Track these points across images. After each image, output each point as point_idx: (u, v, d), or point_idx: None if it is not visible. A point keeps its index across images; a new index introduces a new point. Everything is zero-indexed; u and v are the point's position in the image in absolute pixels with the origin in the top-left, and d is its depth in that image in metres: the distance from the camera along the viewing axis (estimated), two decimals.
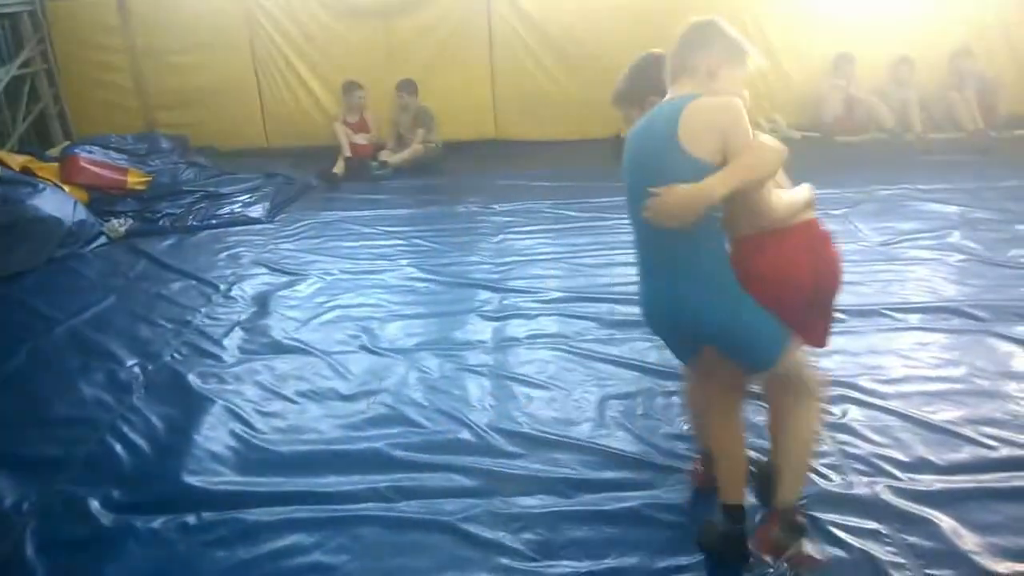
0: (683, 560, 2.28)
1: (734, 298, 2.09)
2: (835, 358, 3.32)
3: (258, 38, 7.49)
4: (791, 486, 2.20)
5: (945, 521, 2.37)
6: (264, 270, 4.72)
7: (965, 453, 2.71)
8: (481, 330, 3.83)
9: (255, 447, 2.91)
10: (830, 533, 2.33)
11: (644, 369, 3.38)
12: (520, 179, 6.48)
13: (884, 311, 3.82)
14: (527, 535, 2.40)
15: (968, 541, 2.29)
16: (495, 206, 5.81)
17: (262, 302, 4.24)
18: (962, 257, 4.45)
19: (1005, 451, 2.71)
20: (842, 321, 3.73)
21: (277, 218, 5.76)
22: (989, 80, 7.25)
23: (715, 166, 1.99)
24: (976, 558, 2.24)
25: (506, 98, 7.71)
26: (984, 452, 2.71)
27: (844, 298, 3.91)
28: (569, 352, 3.56)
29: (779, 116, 7.70)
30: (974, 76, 7.28)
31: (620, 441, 2.86)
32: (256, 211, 5.76)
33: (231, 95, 7.56)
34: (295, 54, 7.53)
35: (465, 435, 2.93)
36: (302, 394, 3.28)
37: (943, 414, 2.94)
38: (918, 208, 5.41)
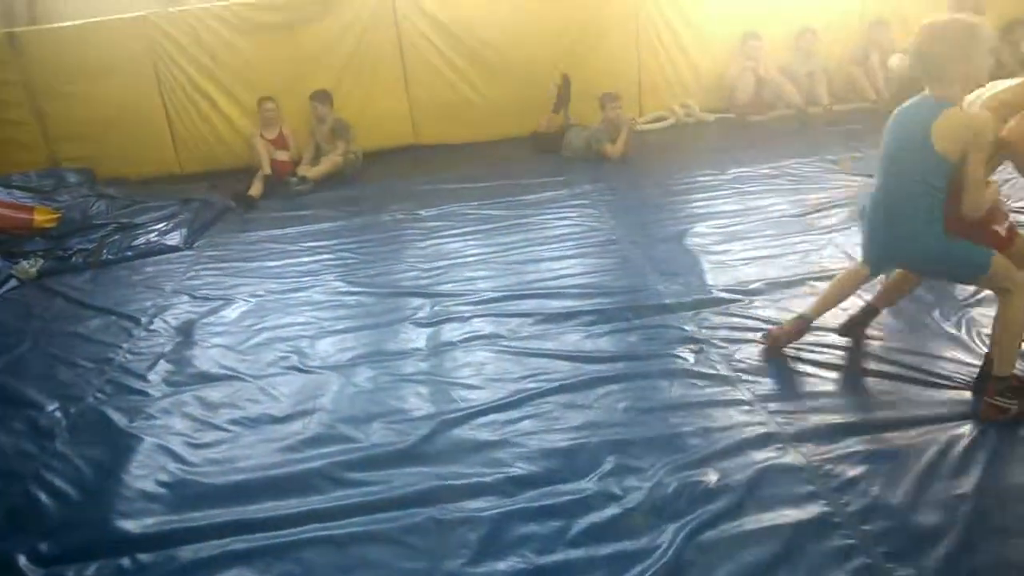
0: (628, 546, 2.29)
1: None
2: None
3: (161, 62, 7.27)
4: (1001, 362, 2.74)
5: None
6: (186, 298, 4.58)
7: None
8: (415, 338, 3.79)
9: (188, 482, 2.81)
10: None
11: (580, 359, 3.40)
12: (443, 183, 6.45)
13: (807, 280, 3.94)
14: (472, 537, 2.38)
15: None
16: (420, 212, 5.77)
17: (186, 331, 4.11)
18: None
19: None
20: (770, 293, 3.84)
21: (196, 244, 5.60)
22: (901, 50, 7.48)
23: (954, 161, 2.61)
24: None
25: (422, 104, 7.67)
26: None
27: (768, 271, 4.08)
28: (505, 351, 3.55)
29: (692, 101, 7.85)
30: (881, 47, 7.52)
31: (560, 433, 2.86)
32: (174, 239, 5.60)
33: (138, 122, 7.32)
34: (201, 75, 7.34)
35: (405, 445, 2.89)
36: (235, 422, 3.19)
37: None
38: (829, 179, 5.59)
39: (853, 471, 2.52)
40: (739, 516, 2.37)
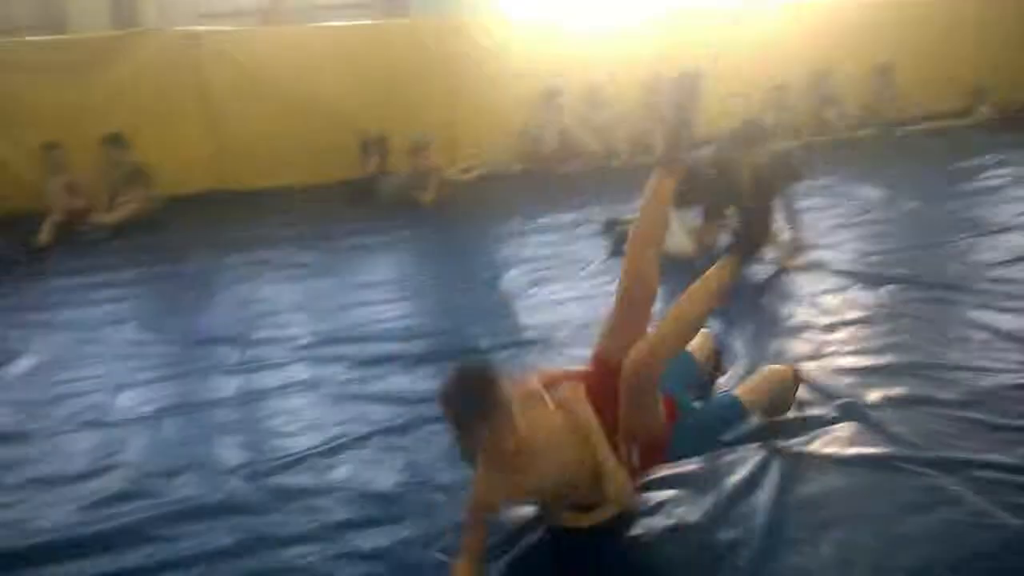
0: None
1: None
2: None
3: None
4: None
5: None
6: None
7: None
8: (225, 386, 3.66)
9: None
10: None
11: (399, 401, 3.44)
12: (253, 228, 6.28)
13: None
14: None
15: None
16: (228, 259, 5.59)
17: None
18: None
19: None
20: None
21: None
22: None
23: None
24: None
25: (230, 148, 7.44)
26: None
27: (577, 312, 4.32)
28: (324, 396, 3.53)
29: (500, 151, 8.14)
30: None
31: (383, 477, 2.88)
32: None
33: None
34: None
35: (219, 497, 2.80)
36: (24, 484, 2.94)
37: None
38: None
39: (658, 496, 2.69)
40: None
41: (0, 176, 6.86)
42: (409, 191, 6.85)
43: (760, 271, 4.74)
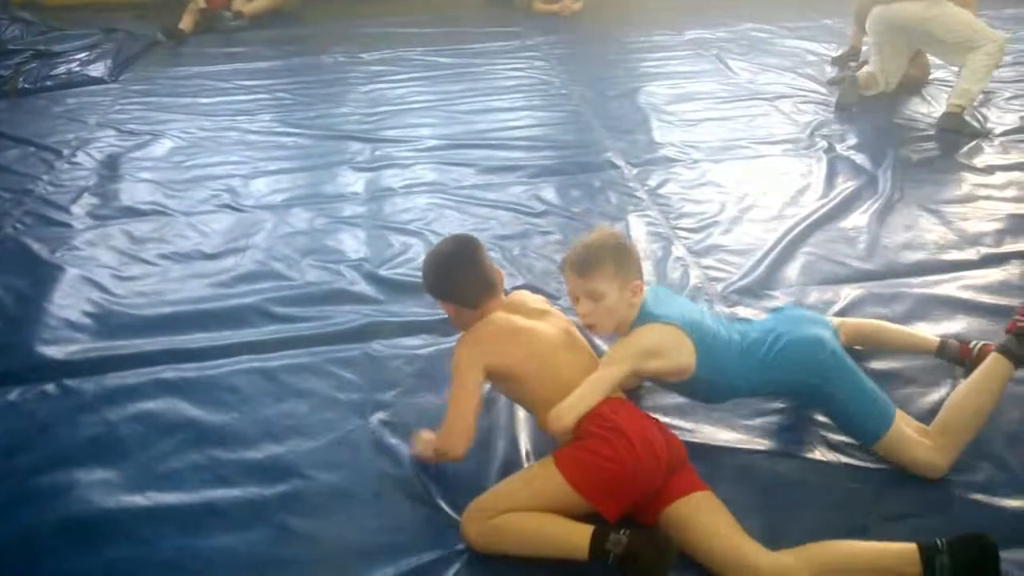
0: None
1: None
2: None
3: None
4: None
5: None
6: (112, 132, 4.33)
7: None
8: (353, 182, 3.68)
9: (115, 312, 2.73)
10: None
11: (521, 211, 3.36)
12: (389, 26, 6.13)
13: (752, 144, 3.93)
14: (407, 370, 2.39)
15: None
16: (363, 55, 5.49)
17: (112, 166, 3.91)
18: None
19: None
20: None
21: (122, 77, 5.26)
22: None
23: None
24: None
25: None
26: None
27: (715, 133, 4.05)
28: (447, 198, 3.48)
29: None
30: None
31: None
32: (97, 70, 5.24)
33: None
34: None
35: (341, 285, 2.85)
36: (164, 256, 3.09)
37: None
38: (782, 45, 5.52)
39: None
40: None
41: None
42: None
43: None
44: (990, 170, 3.60)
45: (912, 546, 1.66)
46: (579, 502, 1.74)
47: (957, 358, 2.27)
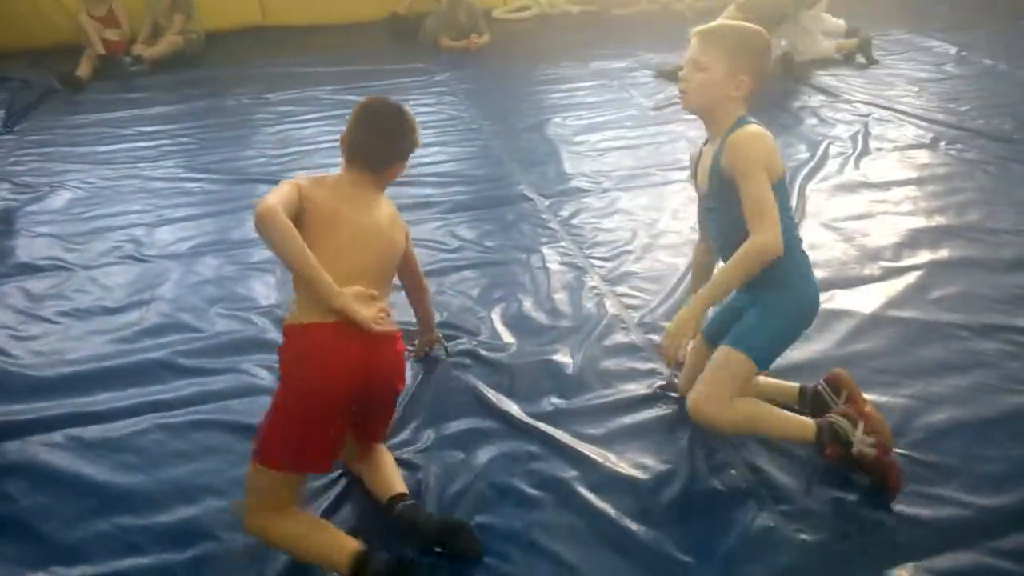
0: None
1: None
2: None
3: None
4: None
5: None
6: (6, 185, 4.15)
7: None
8: None
9: (12, 375, 2.58)
10: None
11: (436, 247, 3.36)
12: (294, 66, 6.09)
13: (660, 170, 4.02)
14: None
15: None
16: (269, 95, 5.44)
17: (7, 220, 3.75)
18: None
19: None
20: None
21: (17, 128, 5.06)
22: None
23: None
24: None
25: None
26: None
27: (624, 161, 4.13)
28: None
29: None
30: None
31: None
32: None
33: None
34: None
35: (252, 333, 2.78)
36: (63, 313, 2.96)
37: None
38: None
39: None
40: (584, 392, 2.43)
41: (38, 8, 6.68)
42: (459, 31, 6.52)
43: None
44: (886, 186, 3.77)
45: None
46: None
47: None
